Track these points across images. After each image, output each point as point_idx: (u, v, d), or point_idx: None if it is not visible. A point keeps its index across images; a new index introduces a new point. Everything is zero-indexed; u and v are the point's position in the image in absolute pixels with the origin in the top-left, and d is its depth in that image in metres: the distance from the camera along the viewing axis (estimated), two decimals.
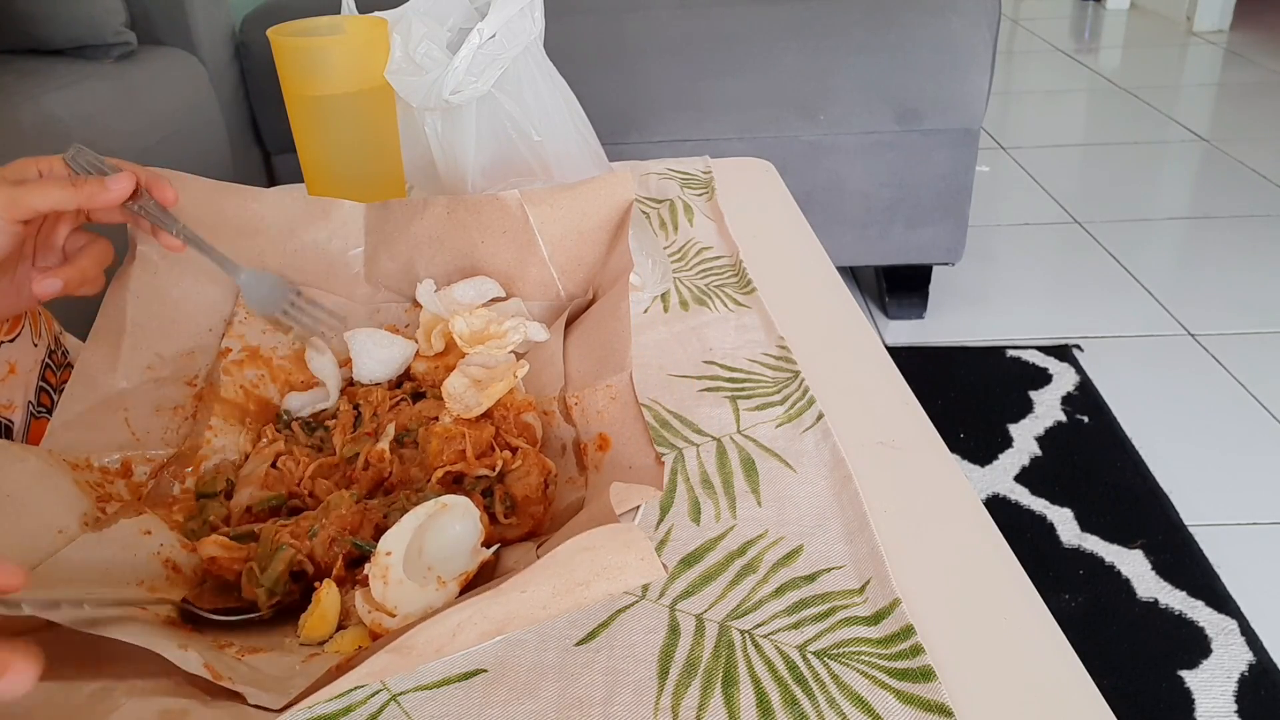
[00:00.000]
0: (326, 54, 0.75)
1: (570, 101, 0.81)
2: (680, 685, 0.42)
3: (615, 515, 0.39)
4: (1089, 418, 1.55)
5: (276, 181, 1.72)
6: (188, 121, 1.48)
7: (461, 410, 0.55)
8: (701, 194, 0.93)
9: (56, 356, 0.65)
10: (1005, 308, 1.90)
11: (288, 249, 0.66)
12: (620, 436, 0.51)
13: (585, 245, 0.66)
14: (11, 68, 1.34)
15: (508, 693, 0.43)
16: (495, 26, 0.73)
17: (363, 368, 0.61)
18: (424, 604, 0.43)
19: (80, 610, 0.39)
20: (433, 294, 0.64)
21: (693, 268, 0.80)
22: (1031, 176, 2.51)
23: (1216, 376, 1.66)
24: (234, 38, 1.65)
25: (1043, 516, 1.35)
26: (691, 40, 1.56)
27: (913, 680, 0.42)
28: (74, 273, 0.54)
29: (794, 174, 1.43)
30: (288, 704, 0.38)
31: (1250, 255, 2.06)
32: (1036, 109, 3.09)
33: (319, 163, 0.79)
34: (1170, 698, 1.08)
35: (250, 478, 0.54)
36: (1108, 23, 4.10)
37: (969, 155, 1.65)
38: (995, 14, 1.54)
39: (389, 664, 0.38)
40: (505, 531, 0.50)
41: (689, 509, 0.53)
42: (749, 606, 0.46)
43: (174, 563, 0.48)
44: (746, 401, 0.62)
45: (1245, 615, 1.17)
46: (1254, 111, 2.91)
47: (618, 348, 0.55)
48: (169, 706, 0.38)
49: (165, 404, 0.58)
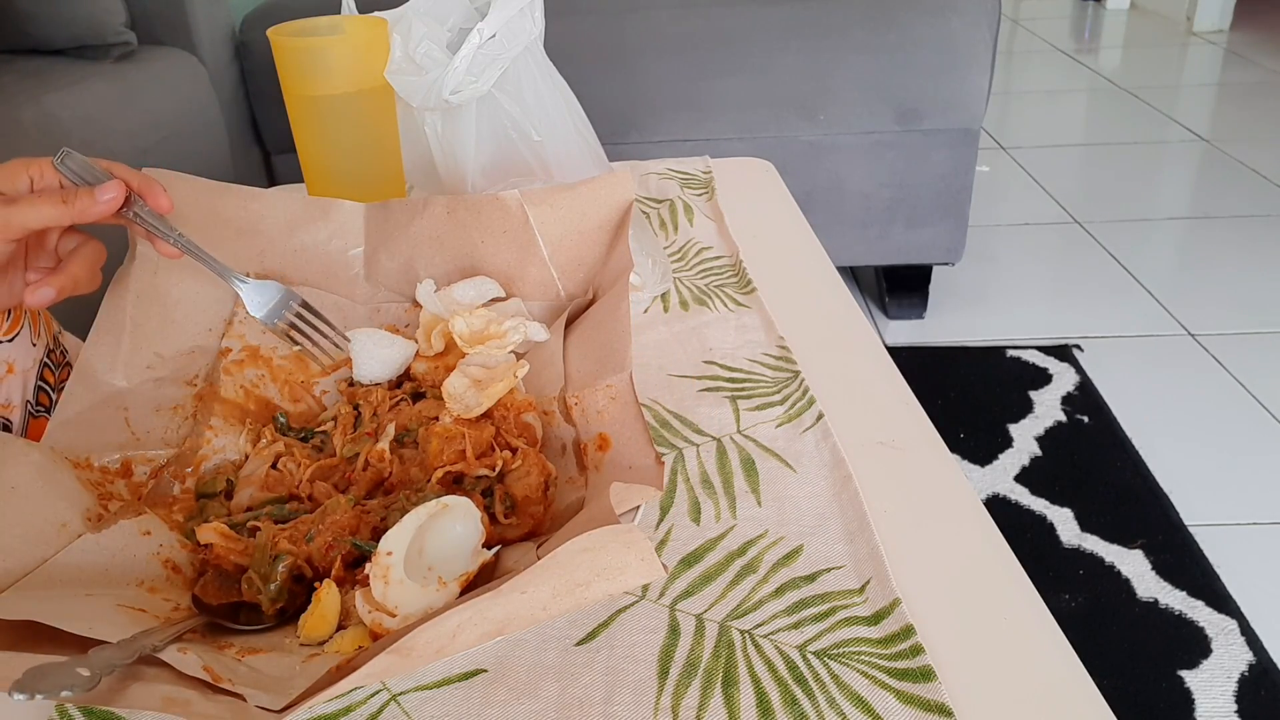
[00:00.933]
0: (326, 54, 0.75)
1: (570, 101, 0.82)
2: (680, 685, 0.42)
3: (615, 515, 0.39)
4: (1089, 418, 1.55)
5: (276, 181, 1.72)
6: (188, 121, 1.48)
7: (462, 410, 0.55)
8: (701, 194, 0.93)
9: (55, 356, 0.65)
10: (1005, 308, 1.90)
11: (288, 249, 0.66)
12: (620, 436, 0.51)
13: (585, 245, 0.66)
14: (12, 68, 1.34)
15: (508, 693, 0.43)
16: (495, 26, 0.73)
17: (363, 368, 0.61)
18: (424, 604, 0.43)
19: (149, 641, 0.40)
20: (433, 294, 0.64)
21: (693, 268, 0.80)
22: (1031, 176, 2.51)
23: (1216, 376, 1.66)
24: (234, 38, 1.65)
25: (1043, 516, 1.35)
26: (691, 40, 1.56)
27: (913, 680, 0.42)
28: (66, 280, 0.54)
29: (794, 174, 1.43)
30: (288, 705, 0.38)
31: (1250, 255, 2.06)
32: (1036, 109, 3.09)
33: (319, 163, 0.79)
34: (1170, 698, 1.08)
35: (250, 478, 0.54)
36: (1108, 23, 4.10)
37: (969, 155, 1.65)
38: (995, 14, 1.54)
39: (390, 665, 0.38)
40: (505, 531, 0.50)
41: (689, 509, 0.53)
42: (749, 606, 0.46)
43: (173, 563, 0.48)
44: (746, 401, 0.62)
45: (1245, 615, 1.17)
46: (1254, 111, 2.91)
47: (618, 348, 0.55)
48: (172, 694, 0.38)
49: (165, 404, 0.58)
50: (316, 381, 0.63)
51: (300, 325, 0.60)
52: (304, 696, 0.39)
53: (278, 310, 0.59)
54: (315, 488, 0.53)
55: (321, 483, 0.54)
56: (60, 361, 0.66)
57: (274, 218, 0.65)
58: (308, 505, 0.53)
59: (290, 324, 0.59)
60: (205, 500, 0.53)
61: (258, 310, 0.59)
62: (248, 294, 0.59)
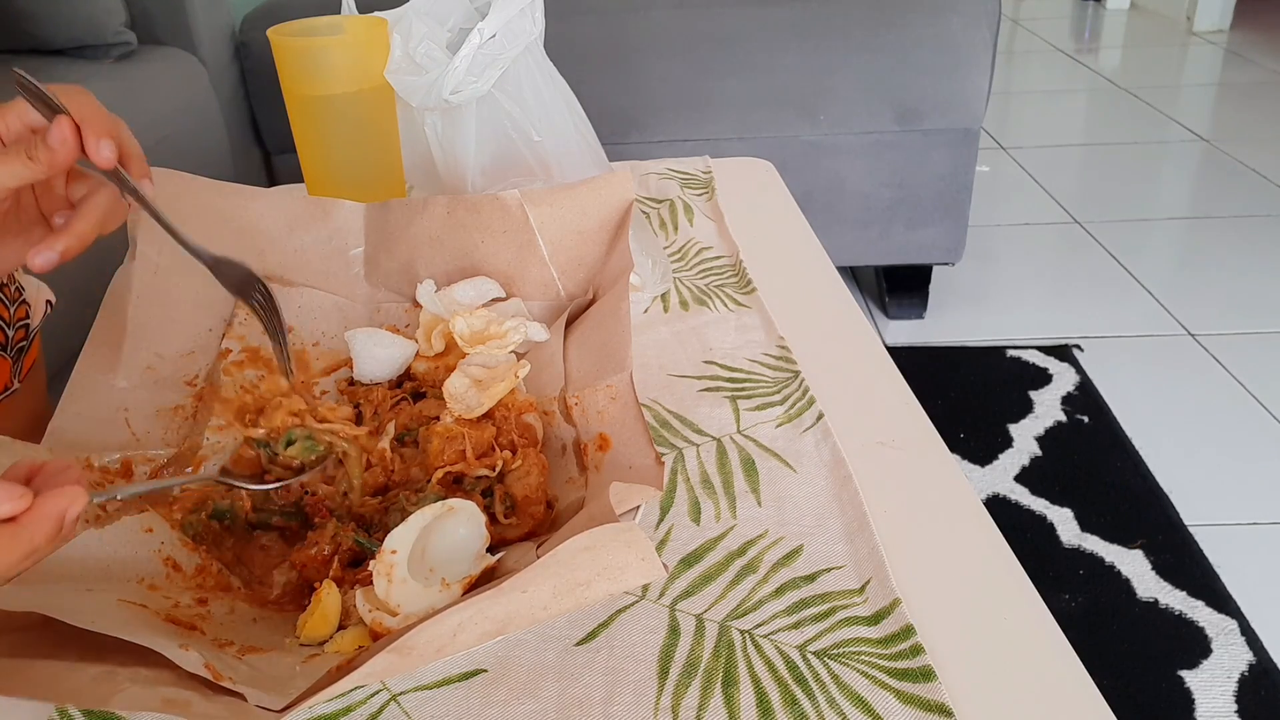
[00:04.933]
0: (326, 54, 0.75)
1: (570, 101, 0.81)
2: (680, 685, 0.42)
3: (615, 515, 0.39)
4: (1089, 418, 1.55)
5: (276, 181, 1.72)
6: (188, 121, 1.48)
7: (463, 410, 0.55)
8: (701, 194, 0.93)
9: (9, 292, 0.63)
10: (1005, 308, 1.90)
11: (288, 249, 0.66)
12: (620, 436, 0.51)
13: (585, 245, 0.66)
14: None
15: (508, 693, 0.43)
16: (495, 27, 0.73)
17: (363, 367, 0.61)
18: (427, 604, 0.43)
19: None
20: (433, 294, 0.64)
21: (693, 268, 0.80)
22: (1031, 176, 2.51)
23: (1216, 376, 1.66)
24: (234, 38, 1.65)
25: (1043, 516, 1.35)
26: (691, 40, 1.56)
27: (913, 680, 0.42)
28: (71, 240, 0.49)
29: (794, 174, 1.43)
30: (289, 704, 0.38)
31: (1250, 255, 2.05)
32: (1036, 109, 3.09)
33: (319, 163, 0.79)
34: (1170, 698, 1.08)
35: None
36: (1108, 23, 4.10)
37: (969, 155, 1.65)
38: (995, 14, 1.54)
39: (390, 664, 0.38)
40: (505, 531, 0.50)
41: (689, 509, 0.53)
42: (749, 606, 0.46)
43: (174, 561, 0.48)
44: (746, 401, 0.62)
45: (1245, 615, 1.17)
46: (1254, 111, 2.91)
47: (618, 348, 0.55)
48: (171, 695, 0.38)
49: (165, 404, 0.58)
50: (316, 381, 0.63)
51: (258, 309, 0.54)
52: (304, 696, 0.39)
53: (245, 290, 0.53)
54: (319, 488, 0.53)
55: (324, 485, 0.54)
56: (15, 299, 0.64)
57: (274, 217, 0.65)
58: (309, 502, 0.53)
59: (256, 303, 0.54)
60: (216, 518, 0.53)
61: (228, 284, 0.53)
62: (216, 266, 0.53)
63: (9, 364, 0.63)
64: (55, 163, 0.47)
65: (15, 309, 0.64)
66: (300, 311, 0.65)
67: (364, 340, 0.61)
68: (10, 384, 0.65)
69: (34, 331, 0.67)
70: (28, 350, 0.67)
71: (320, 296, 0.66)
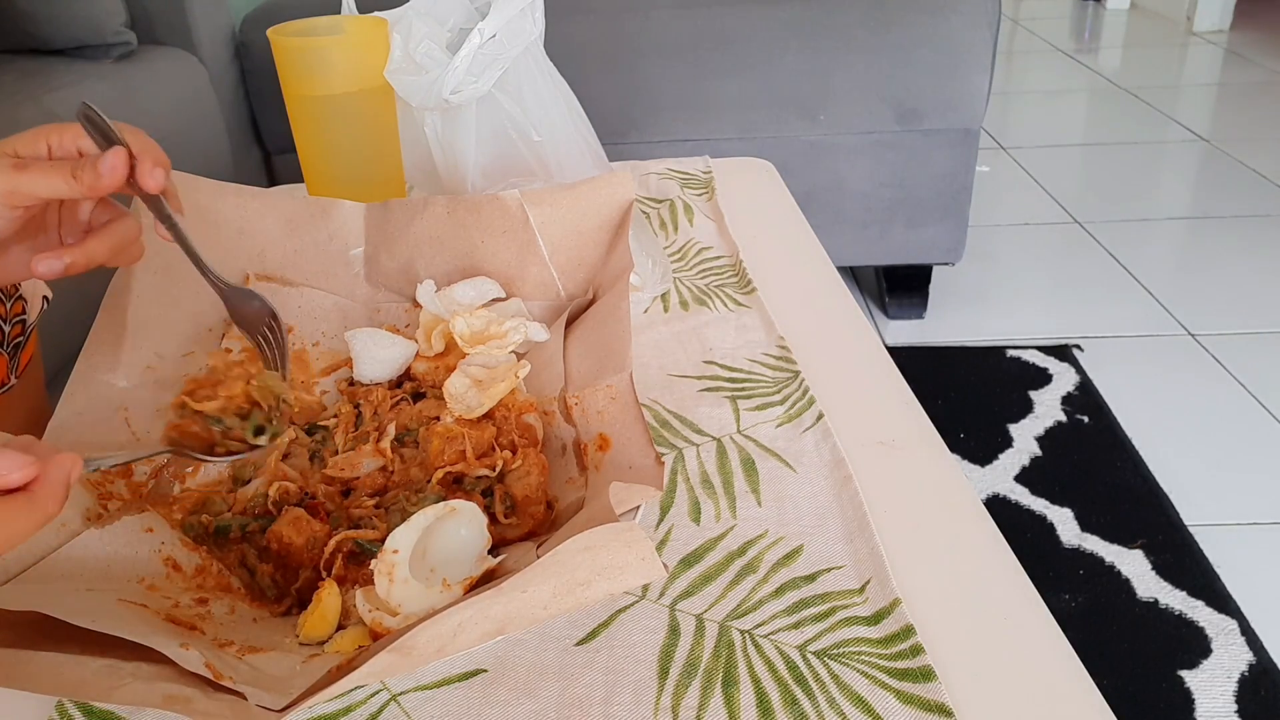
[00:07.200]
0: (326, 54, 0.75)
1: (570, 102, 0.82)
2: (680, 685, 0.42)
3: (615, 515, 0.39)
4: (1089, 418, 1.55)
5: (276, 181, 1.72)
6: (188, 121, 1.48)
7: (463, 410, 0.55)
8: (701, 194, 0.93)
9: (5, 288, 0.63)
10: (1005, 308, 1.90)
11: (288, 249, 0.66)
12: (620, 436, 0.51)
13: (585, 245, 0.66)
14: (12, 68, 1.34)
15: (508, 693, 0.43)
16: (495, 27, 0.73)
17: (363, 367, 0.61)
18: (428, 605, 0.43)
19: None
20: (433, 295, 0.64)
21: (693, 268, 0.80)
22: (1031, 176, 2.51)
23: (1216, 376, 1.66)
24: (234, 38, 1.65)
25: (1043, 516, 1.35)
26: (691, 40, 1.56)
27: (913, 680, 0.42)
28: (79, 255, 0.50)
29: (794, 174, 1.43)
30: (289, 704, 0.38)
31: (1250, 255, 2.05)
32: (1036, 109, 3.09)
33: (319, 163, 0.79)
34: (1170, 698, 1.08)
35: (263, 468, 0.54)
36: (1108, 23, 4.10)
37: (969, 155, 1.65)
38: (995, 14, 1.54)
39: (390, 664, 0.38)
40: (505, 531, 0.50)
41: (689, 509, 0.53)
42: (749, 606, 0.46)
43: (175, 561, 0.48)
44: (746, 401, 0.62)
45: (1245, 615, 1.17)
46: (1254, 111, 2.91)
47: (618, 348, 0.55)
48: (173, 692, 0.38)
49: (165, 404, 0.57)
50: (316, 381, 0.63)
51: (263, 343, 0.55)
52: (305, 696, 0.39)
53: (255, 323, 0.55)
54: (319, 489, 0.53)
55: (324, 486, 0.54)
56: (11, 294, 0.64)
57: (274, 217, 0.65)
58: (309, 504, 0.53)
59: (262, 336, 0.55)
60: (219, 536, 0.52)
61: (239, 318, 0.55)
62: (230, 296, 0.54)
63: (5, 360, 0.63)
64: (97, 188, 0.48)
65: (11, 304, 0.64)
66: (300, 311, 0.65)
67: (364, 340, 0.61)
68: (7, 380, 0.65)
69: (30, 327, 0.68)
70: (24, 346, 0.67)
71: (320, 296, 0.66)
